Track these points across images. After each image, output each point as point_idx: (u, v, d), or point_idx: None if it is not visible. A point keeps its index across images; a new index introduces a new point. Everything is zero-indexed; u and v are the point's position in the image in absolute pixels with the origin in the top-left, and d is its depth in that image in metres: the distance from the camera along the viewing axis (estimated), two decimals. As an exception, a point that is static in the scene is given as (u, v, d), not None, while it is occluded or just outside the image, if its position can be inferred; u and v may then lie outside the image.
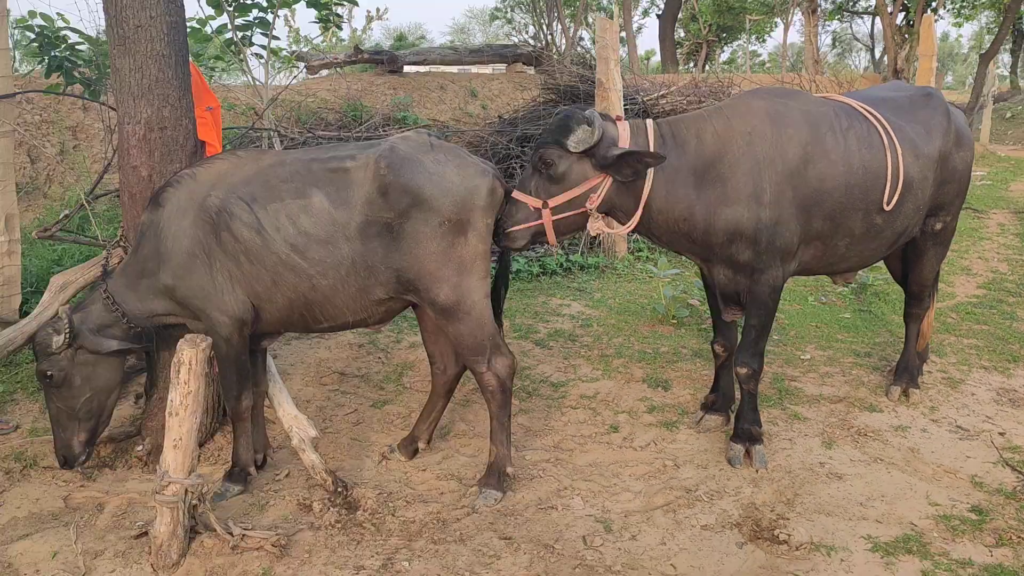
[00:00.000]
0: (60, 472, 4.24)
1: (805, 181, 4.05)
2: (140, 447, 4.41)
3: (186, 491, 3.41)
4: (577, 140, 3.86)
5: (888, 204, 4.27)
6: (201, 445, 4.38)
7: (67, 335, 3.80)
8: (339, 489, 3.93)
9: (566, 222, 4.05)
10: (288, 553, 3.54)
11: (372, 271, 3.78)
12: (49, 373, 3.82)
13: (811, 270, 4.51)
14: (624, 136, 3.98)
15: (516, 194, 4.01)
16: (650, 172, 3.96)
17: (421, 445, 4.47)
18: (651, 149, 3.98)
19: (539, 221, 3.99)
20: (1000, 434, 4.68)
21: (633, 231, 4.20)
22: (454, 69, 15.82)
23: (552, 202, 3.97)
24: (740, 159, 4.00)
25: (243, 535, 3.52)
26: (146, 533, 3.50)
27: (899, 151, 4.27)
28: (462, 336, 3.90)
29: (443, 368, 4.36)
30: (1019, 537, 3.65)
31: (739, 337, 4.53)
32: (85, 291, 4.59)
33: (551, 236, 4.05)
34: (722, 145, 4.02)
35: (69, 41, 5.43)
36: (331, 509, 3.83)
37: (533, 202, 3.97)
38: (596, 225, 4.07)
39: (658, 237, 4.25)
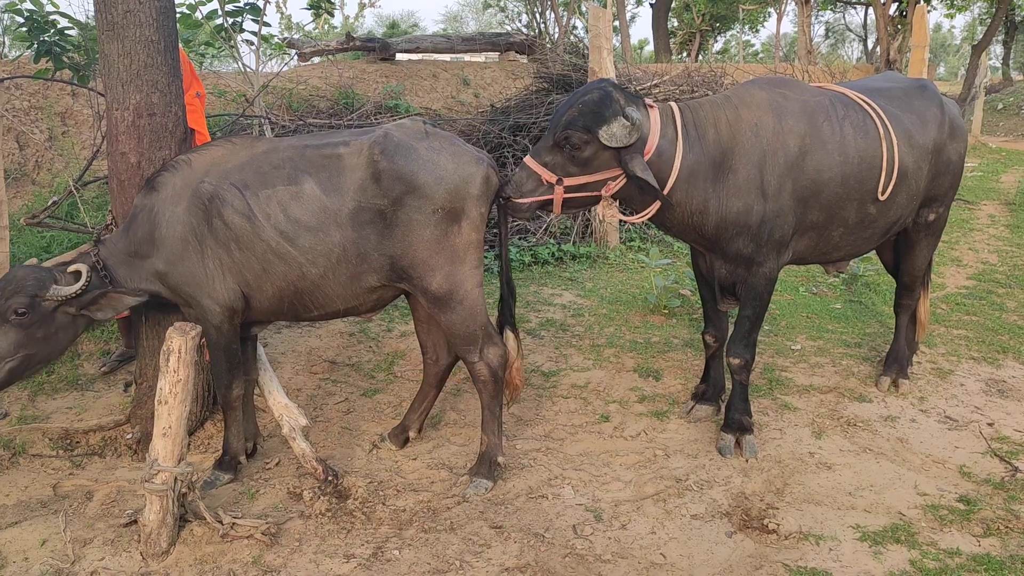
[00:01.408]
0: (49, 460, 4.24)
1: (804, 172, 4.04)
2: (129, 435, 4.40)
3: (175, 479, 3.41)
4: (611, 135, 3.73)
5: (883, 194, 4.27)
6: (191, 433, 4.37)
7: (79, 290, 3.63)
8: (329, 478, 3.92)
9: (577, 201, 3.97)
10: (278, 541, 3.54)
11: (364, 258, 3.76)
12: (21, 311, 3.58)
13: (805, 259, 4.51)
14: (655, 129, 3.89)
15: (530, 162, 3.89)
16: (675, 166, 3.90)
17: (412, 434, 4.47)
18: (679, 140, 3.92)
19: (549, 196, 3.89)
20: (989, 424, 4.71)
21: (657, 226, 4.15)
22: (447, 57, 15.74)
23: (568, 181, 3.86)
24: (749, 150, 3.97)
25: (233, 523, 3.52)
26: (135, 521, 3.49)
27: (894, 140, 4.27)
28: (454, 325, 3.89)
29: (435, 358, 4.36)
30: (1007, 527, 3.67)
31: (730, 327, 4.53)
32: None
33: (557, 209, 3.96)
34: (734, 136, 3.99)
35: (58, 26, 5.38)
36: (321, 498, 3.83)
37: (547, 175, 3.86)
38: (608, 212, 4.00)
39: (668, 228, 4.22)
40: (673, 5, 33.37)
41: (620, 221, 8.88)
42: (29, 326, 3.62)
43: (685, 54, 35.01)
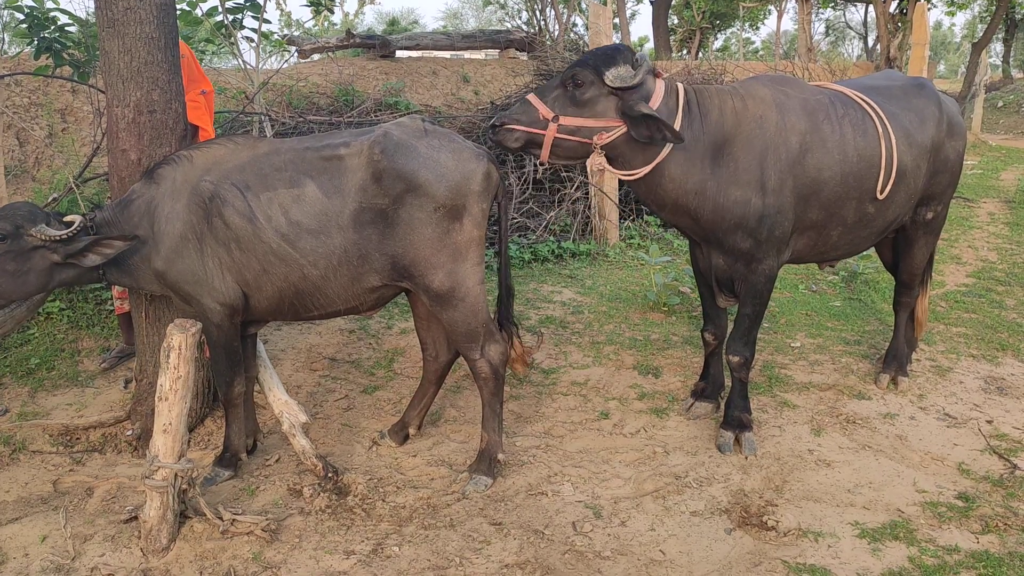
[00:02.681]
0: (49, 456, 4.24)
1: (804, 170, 4.04)
2: (130, 432, 4.40)
3: (176, 476, 3.41)
4: (616, 75, 3.78)
5: (882, 193, 4.27)
6: (191, 430, 4.37)
7: (64, 235, 3.59)
8: (329, 474, 3.93)
9: (567, 145, 3.93)
10: (278, 538, 3.55)
11: (366, 259, 3.77)
12: (1, 236, 3.55)
13: (802, 258, 4.51)
14: (658, 93, 3.89)
15: (531, 97, 3.93)
16: None
17: (412, 431, 4.47)
18: (679, 113, 3.91)
19: (542, 131, 3.88)
20: (987, 422, 4.72)
21: (639, 200, 4.13)
22: (446, 54, 15.70)
23: (563, 120, 3.86)
24: (752, 141, 3.97)
25: (233, 520, 3.52)
26: (136, 517, 3.50)
27: (893, 139, 4.26)
28: (456, 323, 3.89)
29: (435, 355, 4.36)
30: (1005, 524, 3.68)
31: (730, 325, 4.54)
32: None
33: (545, 152, 3.93)
34: (738, 123, 3.99)
35: (58, 23, 5.37)
36: (321, 494, 3.84)
37: (545, 111, 3.87)
38: (596, 160, 3.95)
39: (661, 207, 4.18)
40: (673, 2, 33.31)
41: (607, 171, 8.90)
42: (3, 254, 3.57)
43: (685, 51, 34.95)
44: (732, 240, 4.10)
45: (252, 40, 6.58)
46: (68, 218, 3.72)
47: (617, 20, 26.61)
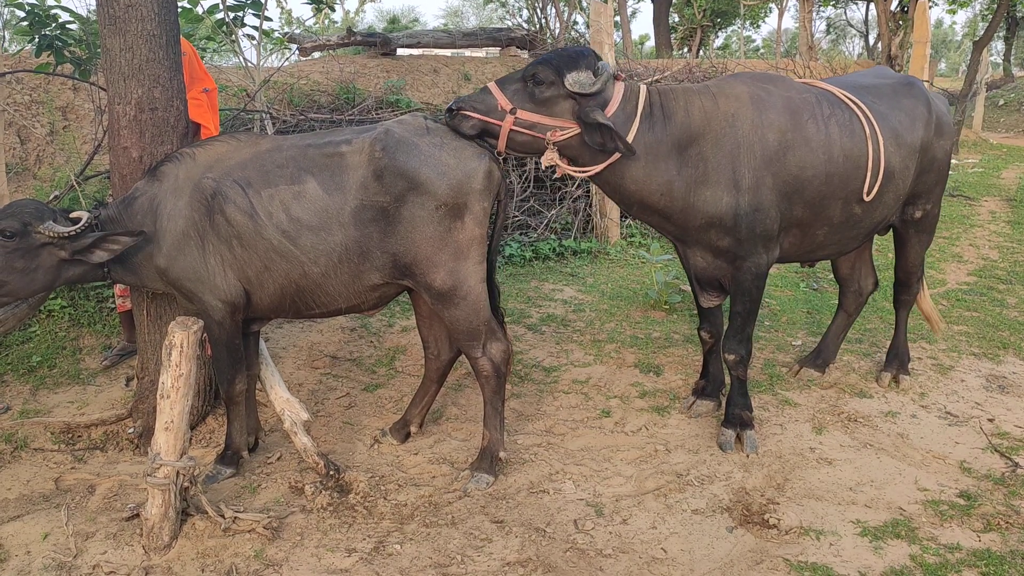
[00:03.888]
0: (51, 454, 4.24)
1: (785, 168, 4.02)
2: (131, 429, 4.40)
3: (178, 473, 3.41)
4: (575, 80, 3.78)
5: (868, 194, 4.26)
6: (193, 428, 4.38)
7: (72, 231, 3.58)
8: (331, 472, 3.93)
9: (522, 138, 3.92)
10: (280, 536, 3.55)
11: (367, 256, 3.76)
12: (9, 234, 3.54)
13: (787, 257, 4.48)
14: (616, 98, 3.89)
15: (492, 86, 3.92)
16: (628, 139, 3.86)
17: (413, 429, 4.47)
18: (637, 118, 3.89)
19: (499, 122, 3.87)
20: (989, 420, 4.71)
21: (617, 203, 4.12)
22: (447, 52, 15.67)
23: (521, 114, 3.86)
24: (722, 140, 3.94)
25: (235, 517, 3.52)
26: (137, 515, 3.50)
27: (881, 140, 4.24)
28: (457, 321, 3.89)
29: (437, 353, 4.36)
30: (1007, 522, 3.68)
31: (726, 323, 4.53)
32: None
33: (502, 142, 3.92)
34: (707, 123, 3.96)
35: (60, 20, 5.37)
36: (323, 492, 3.83)
37: (504, 102, 3.87)
38: (550, 156, 3.93)
39: (628, 206, 4.19)
40: (674, 0, 33.30)
41: (562, 169, 8.90)
42: (11, 251, 3.56)
43: (686, 49, 34.90)
44: (707, 238, 4.09)
45: (253, 38, 6.57)
46: (75, 214, 3.72)
47: (618, 18, 26.56)
